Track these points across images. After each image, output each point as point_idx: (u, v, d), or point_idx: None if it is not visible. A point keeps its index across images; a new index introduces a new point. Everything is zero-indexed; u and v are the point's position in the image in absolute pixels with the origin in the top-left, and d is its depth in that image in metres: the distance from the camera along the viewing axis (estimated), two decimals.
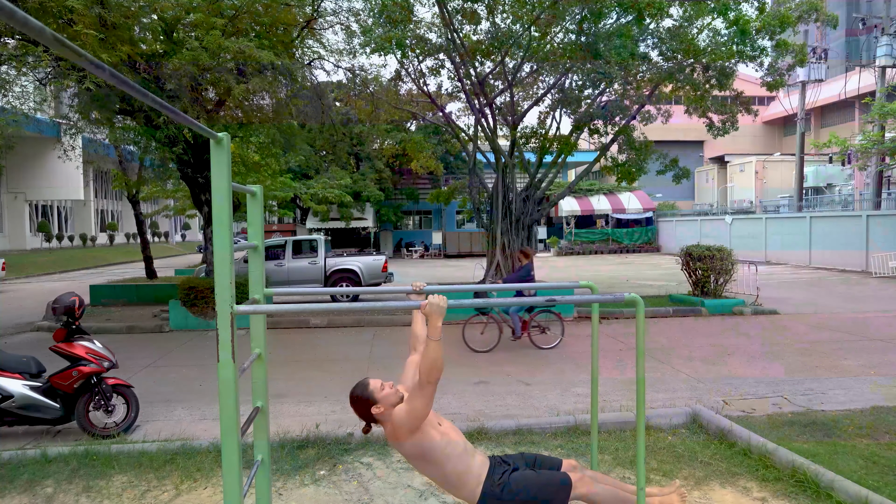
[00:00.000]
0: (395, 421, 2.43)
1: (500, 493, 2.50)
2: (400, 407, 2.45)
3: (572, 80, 13.78)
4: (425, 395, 2.36)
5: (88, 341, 5.23)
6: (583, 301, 2.48)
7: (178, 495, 3.84)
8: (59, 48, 1.11)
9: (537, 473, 2.60)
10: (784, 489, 3.72)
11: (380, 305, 2.43)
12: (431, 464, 2.50)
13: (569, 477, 2.59)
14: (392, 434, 2.48)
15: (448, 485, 2.55)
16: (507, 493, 2.50)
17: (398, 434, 2.44)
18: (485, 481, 2.52)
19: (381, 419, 2.50)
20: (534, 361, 7.73)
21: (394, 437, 2.48)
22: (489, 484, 2.51)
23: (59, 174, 29.32)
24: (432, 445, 2.47)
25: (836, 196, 28.12)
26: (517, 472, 2.59)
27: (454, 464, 2.50)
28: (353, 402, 2.54)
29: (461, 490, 2.53)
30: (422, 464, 2.53)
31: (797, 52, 11.83)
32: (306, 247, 14.40)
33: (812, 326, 9.75)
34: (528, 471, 2.61)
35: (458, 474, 2.50)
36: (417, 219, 37.07)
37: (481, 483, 2.51)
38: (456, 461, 2.50)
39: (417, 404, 2.39)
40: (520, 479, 2.54)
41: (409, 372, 2.75)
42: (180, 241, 50.54)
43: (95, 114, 11.05)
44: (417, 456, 2.50)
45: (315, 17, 11.67)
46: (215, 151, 2.04)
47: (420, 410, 2.39)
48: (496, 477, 2.54)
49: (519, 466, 2.64)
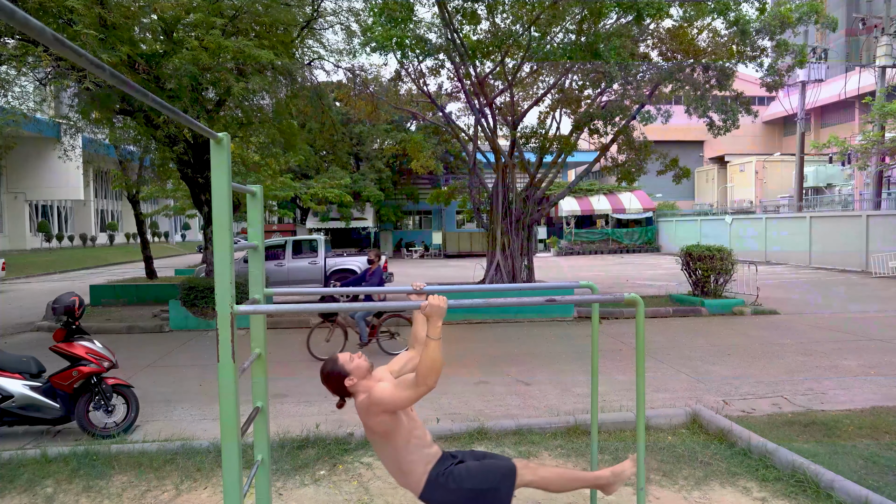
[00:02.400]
0: (374, 396, 2.43)
1: (445, 482, 2.51)
2: (385, 386, 2.46)
3: (572, 80, 13.78)
4: (416, 393, 2.37)
5: (88, 341, 5.22)
6: (583, 301, 2.48)
7: (178, 495, 3.84)
8: (59, 48, 1.11)
9: (482, 463, 2.62)
10: (784, 489, 3.72)
11: (380, 305, 2.43)
12: (390, 445, 2.52)
13: (513, 463, 2.61)
14: (365, 407, 2.48)
15: (398, 470, 2.56)
16: (451, 481, 2.51)
17: (371, 408, 2.45)
18: (431, 470, 2.54)
19: (353, 391, 2.52)
20: (534, 361, 7.72)
21: (366, 410, 2.48)
22: (435, 473, 2.53)
23: (59, 174, 29.33)
24: (399, 428, 2.49)
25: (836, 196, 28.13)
26: (462, 464, 2.61)
27: (411, 450, 2.53)
28: (325, 378, 2.56)
29: (409, 477, 2.55)
30: (381, 442, 2.54)
31: (797, 52, 11.82)
32: (306, 247, 14.41)
33: (812, 326, 9.75)
34: (474, 462, 2.63)
35: (410, 461, 2.53)
36: (417, 219, 37.08)
37: (427, 472, 2.53)
38: (413, 448, 2.53)
39: (404, 395, 2.40)
40: (463, 469, 2.56)
41: (400, 361, 2.80)
42: (180, 241, 50.53)
43: (95, 114, 11.05)
44: (381, 434, 2.51)
45: (315, 17, 11.67)
46: (215, 151, 2.04)
47: (403, 401, 2.42)
48: (442, 467, 2.56)
49: (465, 460, 2.66)
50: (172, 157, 10.90)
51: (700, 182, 40.81)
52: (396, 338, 8.43)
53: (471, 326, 10.41)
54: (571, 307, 10.90)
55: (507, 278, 13.43)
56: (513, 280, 13.38)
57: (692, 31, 12.30)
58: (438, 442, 4.65)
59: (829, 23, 11.74)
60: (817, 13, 11.47)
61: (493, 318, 10.80)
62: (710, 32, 12.36)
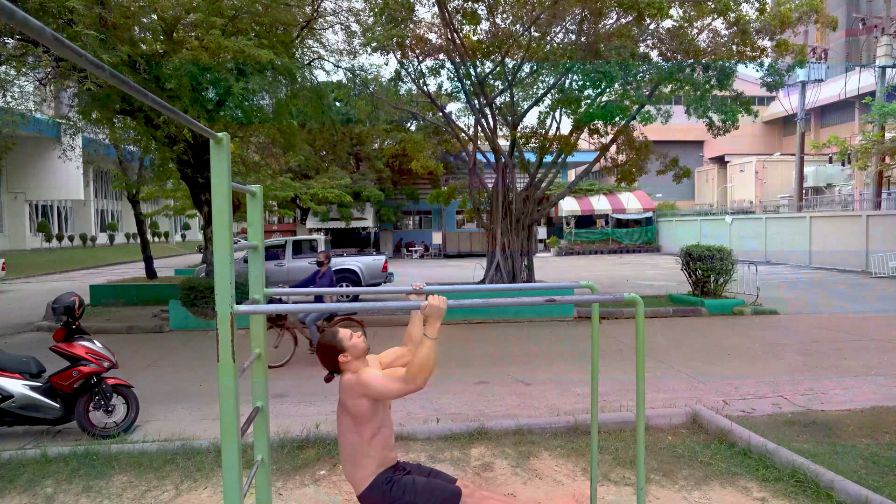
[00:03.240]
0: (363, 378, 2.46)
1: (388, 490, 2.53)
2: (375, 372, 2.49)
3: (572, 80, 13.78)
4: (404, 388, 2.39)
5: (88, 341, 5.23)
6: (583, 301, 2.48)
7: (178, 495, 3.84)
8: (59, 48, 1.11)
9: (427, 480, 2.64)
10: (784, 489, 3.72)
11: (380, 305, 2.43)
12: (356, 433, 2.54)
13: (458, 490, 2.63)
14: (350, 386, 2.49)
15: (351, 460, 2.58)
16: (395, 490, 2.54)
17: (356, 388, 2.47)
18: (380, 473, 2.57)
19: (344, 367, 2.56)
20: (534, 361, 7.72)
21: (350, 388, 2.50)
22: (382, 477, 2.56)
23: (59, 174, 29.32)
24: (372, 419, 2.51)
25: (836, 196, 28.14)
26: (409, 476, 2.63)
27: (372, 446, 2.54)
28: (320, 349, 2.60)
29: (357, 470, 2.57)
30: (349, 427, 2.55)
31: (797, 52, 11.82)
32: (306, 247, 14.41)
33: (812, 326, 9.74)
34: (420, 477, 2.65)
35: (365, 456, 2.55)
36: (417, 219, 37.07)
37: (376, 474, 2.56)
38: (374, 445, 2.55)
39: (392, 387, 2.41)
40: (409, 482, 2.59)
41: (390, 355, 2.83)
42: (180, 241, 50.53)
43: (96, 114, 11.04)
44: (353, 416, 2.52)
45: (315, 17, 11.67)
46: (215, 151, 2.04)
47: (389, 393, 2.44)
48: (390, 473, 2.59)
49: (412, 472, 2.69)
50: (172, 157, 10.90)
51: (700, 182, 40.82)
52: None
53: (471, 326, 10.41)
54: (571, 307, 10.90)
55: (507, 278, 13.43)
56: (513, 280, 13.38)
57: (692, 31, 12.29)
58: (438, 442, 4.66)
59: (829, 23, 11.73)
60: (817, 12, 11.47)
61: (492, 319, 10.80)
62: (710, 32, 12.36)
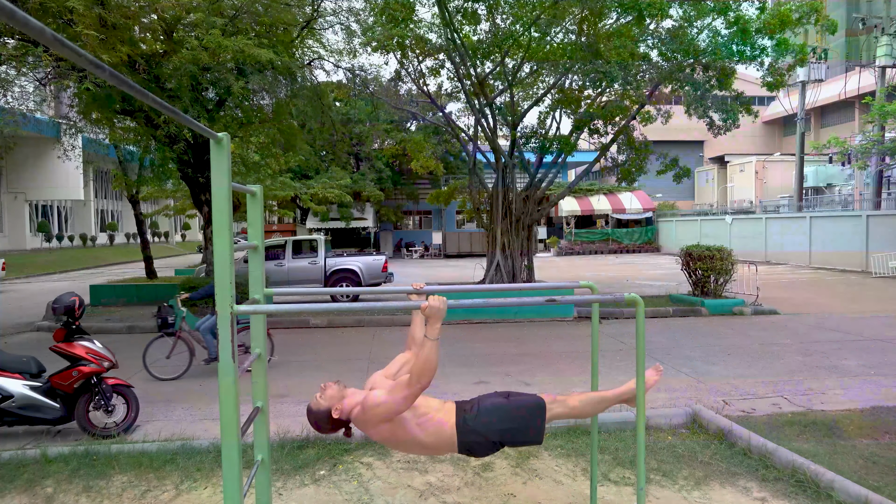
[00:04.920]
0: (368, 404, 2.40)
1: (475, 426, 2.46)
2: (378, 393, 2.42)
3: (572, 80, 13.78)
4: (411, 393, 2.34)
5: (88, 341, 5.22)
6: (583, 301, 2.48)
7: (178, 495, 3.84)
8: (59, 48, 1.11)
9: (508, 400, 2.59)
10: (784, 489, 3.72)
11: (380, 306, 2.43)
12: (403, 441, 2.49)
13: (543, 399, 2.59)
14: (363, 420, 2.44)
15: (425, 447, 2.53)
16: (481, 423, 2.47)
17: (369, 418, 2.41)
18: (456, 422, 2.49)
19: (345, 416, 2.50)
20: (534, 361, 7.72)
21: (364, 422, 2.45)
22: (460, 422, 2.48)
23: (59, 174, 29.33)
24: (404, 425, 2.46)
25: (836, 196, 28.12)
26: (488, 402, 2.58)
27: (425, 429, 2.48)
28: (316, 426, 2.53)
29: (440, 448, 2.52)
30: (393, 442, 2.52)
31: (797, 51, 11.81)
32: (306, 247, 14.41)
33: (812, 326, 9.74)
34: (499, 398, 2.61)
35: (427, 431, 2.48)
36: (417, 219, 37.07)
37: (454, 426, 2.48)
38: (426, 425, 2.48)
39: (399, 398, 2.35)
40: (491, 408, 2.52)
41: (396, 364, 2.79)
42: (180, 241, 50.52)
43: (96, 114, 11.05)
44: (387, 439, 2.50)
45: (315, 17, 11.67)
46: (215, 151, 2.04)
47: (400, 405, 2.37)
48: (466, 411, 2.52)
49: (478, 401, 2.62)
50: (172, 156, 10.91)
51: (700, 182, 40.80)
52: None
53: (471, 326, 10.41)
54: (571, 307, 10.89)
55: (507, 278, 13.43)
56: (513, 280, 13.38)
57: (692, 31, 12.29)
58: None
59: (829, 25, 11.72)
60: (817, 12, 11.46)
61: (492, 319, 10.80)
62: (710, 32, 12.36)
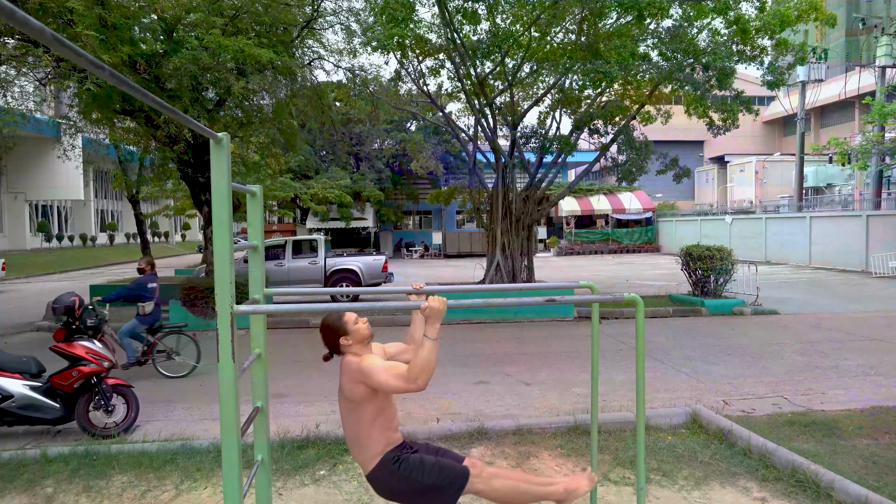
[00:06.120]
0: (364, 366, 2.45)
1: (397, 469, 2.52)
2: (378, 362, 2.47)
3: (572, 80, 13.79)
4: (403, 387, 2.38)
5: (88, 341, 5.23)
6: (583, 301, 2.48)
7: (178, 495, 3.84)
8: (59, 48, 1.11)
9: (437, 459, 2.61)
10: (784, 489, 3.72)
11: (380, 306, 2.43)
12: (357, 414, 2.53)
13: (468, 468, 2.58)
14: (351, 370, 2.49)
15: (356, 441, 2.57)
16: (403, 468, 2.52)
17: (356, 375, 2.46)
18: (388, 452, 2.56)
19: (345, 351, 2.56)
20: (534, 361, 7.72)
21: (350, 373, 2.49)
22: (390, 456, 2.55)
23: (59, 174, 29.31)
24: (372, 402, 2.51)
25: (836, 196, 28.11)
26: (417, 454, 2.61)
27: (374, 427, 2.54)
28: (323, 328, 2.60)
29: (364, 452, 2.56)
30: (350, 408, 2.55)
31: (797, 50, 11.81)
32: (306, 247, 14.40)
33: (812, 326, 9.74)
34: (429, 456, 2.63)
35: (370, 437, 2.54)
36: (417, 219, 37.07)
37: (384, 453, 2.55)
38: (377, 427, 2.54)
39: (391, 383, 2.40)
40: (417, 460, 2.56)
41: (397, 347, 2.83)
42: (180, 241, 50.52)
43: (95, 114, 11.05)
44: (350, 399, 2.52)
45: (315, 17, 11.67)
46: (215, 151, 2.04)
47: (388, 388, 2.43)
48: (398, 452, 2.57)
49: (420, 450, 2.67)
50: (172, 156, 10.90)
51: (700, 182, 40.79)
52: (175, 357, 7.23)
53: (471, 326, 10.41)
54: (571, 307, 10.89)
55: (507, 278, 13.43)
56: (513, 280, 13.38)
57: (692, 30, 12.30)
58: (438, 442, 4.66)
59: (828, 20, 11.71)
60: (817, 10, 11.46)
61: (492, 319, 10.80)
62: (710, 32, 12.36)
